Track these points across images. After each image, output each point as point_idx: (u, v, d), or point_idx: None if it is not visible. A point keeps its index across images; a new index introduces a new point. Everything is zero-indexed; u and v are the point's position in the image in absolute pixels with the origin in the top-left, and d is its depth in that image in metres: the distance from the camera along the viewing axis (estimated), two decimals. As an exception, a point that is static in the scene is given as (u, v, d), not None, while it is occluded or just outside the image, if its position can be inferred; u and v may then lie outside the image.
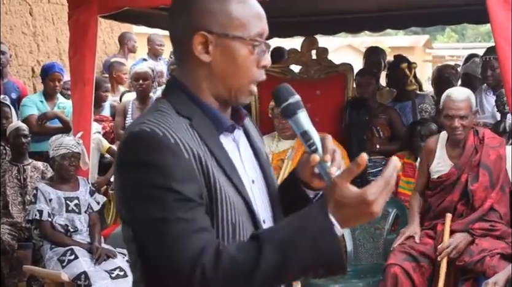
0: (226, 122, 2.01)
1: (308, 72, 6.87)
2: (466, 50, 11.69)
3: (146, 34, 10.92)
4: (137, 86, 7.55)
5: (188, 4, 2.00)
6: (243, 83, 1.99)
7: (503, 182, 5.17)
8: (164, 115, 1.91)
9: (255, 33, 1.96)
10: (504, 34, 5.07)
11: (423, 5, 7.50)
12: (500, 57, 5.16)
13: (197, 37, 1.94)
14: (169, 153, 1.82)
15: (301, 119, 1.96)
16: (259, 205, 2.03)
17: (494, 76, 6.59)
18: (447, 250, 5.01)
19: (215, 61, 1.96)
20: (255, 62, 1.98)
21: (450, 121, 5.18)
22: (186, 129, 1.90)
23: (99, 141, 7.25)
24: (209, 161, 1.89)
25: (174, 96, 1.99)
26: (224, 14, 1.94)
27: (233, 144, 2.04)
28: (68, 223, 5.83)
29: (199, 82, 1.99)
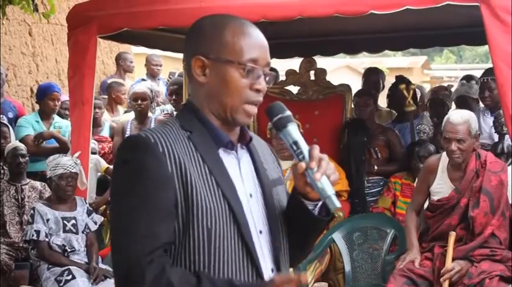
0: (225, 138, 2.19)
1: (306, 93, 6.89)
2: (464, 71, 11.72)
3: (145, 55, 10.95)
4: (135, 106, 7.55)
5: (192, 32, 2.24)
6: (235, 102, 2.16)
7: (503, 208, 5.15)
8: (166, 127, 2.16)
9: (247, 59, 2.15)
10: (502, 55, 5.09)
11: (421, 26, 7.52)
12: (497, 78, 5.18)
13: (196, 60, 2.18)
14: (152, 157, 2.06)
15: (291, 131, 2.17)
16: (256, 217, 2.20)
17: (492, 98, 6.61)
18: (451, 273, 4.99)
19: (210, 82, 2.18)
20: (247, 85, 2.16)
21: (447, 144, 5.17)
22: (182, 139, 2.14)
23: (97, 162, 7.24)
24: (196, 170, 2.10)
25: (182, 113, 2.25)
26: (219, 41, 2.17)
27: (234, 160, 2.22)
28: (65, 243, 5.81)
29: (201, 101, 2.21)
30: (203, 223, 2.07)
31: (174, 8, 5.80)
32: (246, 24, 2.23)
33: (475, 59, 37.33)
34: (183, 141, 2.13)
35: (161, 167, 2.06)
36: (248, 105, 2.18)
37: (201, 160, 2.12)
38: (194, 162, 2.11)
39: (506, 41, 5.06)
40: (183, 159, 2.09)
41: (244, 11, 5.67)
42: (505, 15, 5.05)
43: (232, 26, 2.20)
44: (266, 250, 2.20)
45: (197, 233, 2.07)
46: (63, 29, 9.10)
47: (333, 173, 2.11)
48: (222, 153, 2.19)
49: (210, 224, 2.08)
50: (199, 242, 2.08)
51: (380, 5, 5.34)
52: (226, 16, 2.28)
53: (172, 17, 5.82)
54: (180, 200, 2.07)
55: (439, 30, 8.02)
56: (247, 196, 2.19)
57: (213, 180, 2.12)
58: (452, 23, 7.45)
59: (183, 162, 2.08)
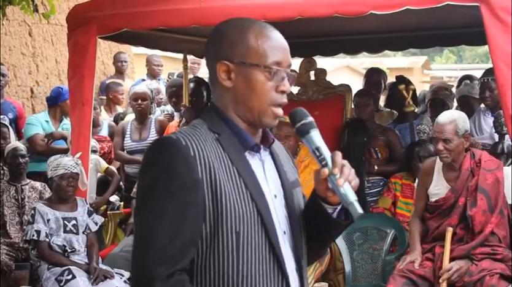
0: (251, 141, 2.23)
1: (306, 93, 6.89)
2: (464, 71, 11.72)
3: (145, 55, 10.95)
4: (135, 106, 7.55)
5: (214, 37, 2.27)
6: (263, 105, 2.20)
7: (501, 205, 5.15)
8: (195, 129, 2.19)
9: (271, 61, 2.19)
10: (502, 55, 5.09)
11: (421, 27, 7.52)
12: (497, 78, 5.18)
13: (221, 65, 2.21)
14: (182, 161, 2.07)
15: (314, 137, 2.21)
16: (281, 217, 2.24)
17: (492, 98, 6.60)
18: (450, 272, 5.00)
19: (236, 87, 2.21)
20: (273, 87, 2.20)
21: (436, 144, 5.26)
22: (212, 141, 2.16)
23: (97, 162, 7.25)
24: (225, 172, 2.13)
25: (208, 116, 2.26)
26: (243, 45, 2.20)
27: (258, 162, 2.25)
28: (66, 243, 5.81)
29: (227, 105, 2.24)
30: (232, 227, 2.10)
31: (173, 9, 5.80)
32: (267, 26, 2.27)
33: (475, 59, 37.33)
34: (212, 143, 2.16)
35: (190, 171, 2.07)
36: (275, 107, 2.22)
37: (229, 162, 2.15)
38: (223, 164, 2.14)
39: (506, 41, 5.06)
40: (212, 162, 2.11)
41: (243, 11, 5.67)
42: (505, 15, 5.05)
43: (255, 29, 2.23)
44: (289, 250, 2.23)
45: (226, 237, 2.10)
46: (63, 30, 9.11)
47: (354, 178, 2.15)
48: (248, 155, 2.22)
49: (238, 228, 2.10)
50: (228, 246, 2.10)
51: (380, 6, 5.33)
52: (247, 19, 2.30)
53: (172, 17, 5.82)
54: (208, 205, 2.08)
55: (439, 31, 8.01)
56: (271, 197, 2.23)
57: (242, 182, 2.15)
58: (452, 23, 7.45)
59: (213, 166, 2.10)
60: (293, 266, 2.24)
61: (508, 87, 5.10)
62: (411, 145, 6.68)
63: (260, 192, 2.17)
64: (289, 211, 2.27)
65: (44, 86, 9.65)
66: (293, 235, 2.26)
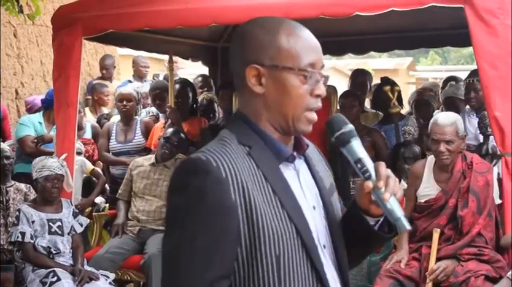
0: (286, 152, 2.07)
1: (292, 94, 6.89)
2: (449, 72, 11.74)
3: (131, 56, 10.93)
4: (120, 107, 7.53)
5: (241, 39, 2.09)
6: (298, 111, 2.04)
7: (489, 208, 5.17)
8: (225, 145, 2.01)
9: (305, 63, 2.03)
10: (486, 56, 5.12)
11: (406, 28, 7.55)
12: (482, 80, 5.21)
13: (250, 69, 2.03)
14: (213, 183, 1.90)
15: (355, 147, 2.05)
16: (320, 230, 2.09)
17: (477, 99, 6.62)
18: (436, 272, 5.02)
19: (268, 92, 2.04)
20: (308, 91, 2.03)
21: (436, 146, 5.22)
22: (243, 157, 1.99)
23: (83, 163, 7.23)
24: (259, 191, 1.96)
25: (237, 126, 2.08)
26: (274, 47, 2.03)
27: (293, 172, 2.09)
28: (50, 245, 5.79)
29: (257, 112, 2.07)
30: (271, 250, 1.95)
31: (159, 10, 5.79)
32: (298, 25, 2.09)
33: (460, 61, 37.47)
34: (243, 158, 1.99)
35: (223, 194, 1.91)
36: (310, 112, 2.05)
37: (263, 179, 1.99)
38: (257, 182, 1.97)
39: (490, 42, 5.09)
40: (246, 182, 1.94)
41: (229, 12, 5.69)
42: (489, 17, 5.07)
43: (286, 30, 2.05)
44: (330, 264, 2.10)
45: (265, 261, 1.95)
46: (48, 31, 9.07)
47: (399, 190, 2.00)
48: (283, 167, 2.06)
49: (278, 251, 1.95)
50: (268, 270, 1.95)
51: (366, 7, 5.35)
52: (276, 18, 2.13)
53: (158, 19, 5.82)
54: (243, 229, 1.93)
55: (424, 32, 8.06)
56: (310, 209, 2.08)
57: (278, 201, 1.98)
58: (437, 25, 7.49)
59: (247, 186, 1.94)
60: (336, 279, 2.11)
61: (492, 88, 5.13)
62: (396, 146, 6.69)
63: (298, 209, 2.02)
64: (329, 221, 2.13)
65: (29, 87, 9.61)
66: (334, 247, 2.13)
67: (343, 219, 2.19)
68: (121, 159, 7.35)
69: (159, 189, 6.66)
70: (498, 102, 5.13)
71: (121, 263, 6.29)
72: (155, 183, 6.68)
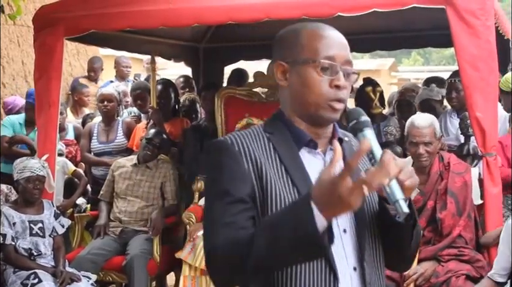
0: (305, 137, 2.27)
1: (274, 95, 6.87)
2: (431, 73, 11.78)
3: (113, 57, 10.90)
4: (102, 108, 7.51)
5: (275, 41, 2.36)
6: (318, 101, 2.22)
7: (469, 209, 5.19)
8: (249, 131, 2.31)
9: (323, 57, 2.21)
10: (467, 57, 5.14)
11: (388, 29, 7.57)
12: (463, 80, 5.23)
13: (277, 66, 2.30)
14: (229, 156, 2.21)
15: (367, 135, 2.19)
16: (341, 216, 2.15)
17: (458, 99, 6.64)
18: (414, 277, 5.03)
19: (292, 85, 2.27)
20: (326, 82, 2.22)
21: (415, 148, 5.22)
22: (262, 140, 2.26)
23: (65, 164, 7.20)
24: (272, 169, 2.21)
25: (270, 118, 2.37)
26: (296, 44, 2.26)
27: (319, 160, 2.29)
28: (32, 247, 5.76)
29: (286, 104, 2.33)
30: None
31: (142, 10, 5.77)
32: (322, 26, 2.30)
33: (442, 61, 37.59)
34: (262, 141, 2.26)
35: (237, 164, 2.19)
36: (332, 101, 2.23)
37: (278, 160, 2.23)
38: (272, 162, 2.22)
39: (471, 43, 5.11)
40: (259, 157, 2.21)
41: (211, 13, 5.68)
42: (470, 18, 5.10)
43: (308, 30, 2.28)
44: (350, 249, 2.23)
45: None
46: (29, 31, 9.01)
47: (410, 177, 2.10)
48: (305, 153, 2.27)
49: None
50: None
51: (348, 8, 5.35)
52: (305, 23, 2.34)
53: (140, 19, 5.80)
54: (258, 192, 2.18)
55: (406, 33, 8.08)
56: None
57: (289, 179, 2.20)
58: (418, 26, 7.51)
59: (259, 159, 2.20)
60: (352, 264, 2.22)
61: (473, 89, 5.15)
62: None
63: (306, 186, 2.17)
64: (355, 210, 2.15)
65: (10, 88, 9.55)
66: (358, 233, 2.25)
67: (378, 212, 2.32)
68: (103, 159, 7.33)
69: (141, 190, 6.65)
70: (479, 103, 5.16)
71: (103, 264, 6.27)
72: (137, 184, 6.67)
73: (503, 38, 6.55)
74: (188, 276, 5.81)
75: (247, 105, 6.73)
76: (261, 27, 6.44)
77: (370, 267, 2.26)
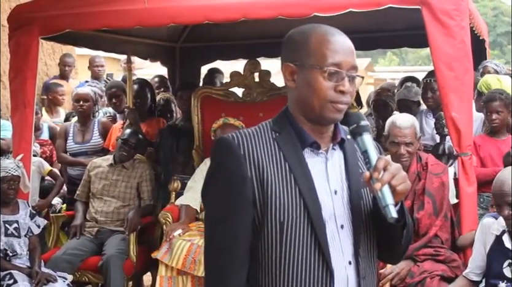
0: (309, 139, 2.36)
1: (251, 95, 6.89)
2: (407, 73, 11.84)
3: (89, 56, 10.84)
4: (77, 108, 7.47)
5: (285, 42, 2.42)
6: (322, 103, 2.31)
7: (445, 209, 5.22)
8: (256, 129, 2.40)
9: (329, 63, 2.29)
10: (442, 57, 5.17)
11: (365, 29, 7.59)
12: (438, 80, 5.26)
13: (286, 67, 2.38)
14: (233, 159, 2.30)
15: (365, 140, 2.31)
16: (339, 212, 2.35)
17: (434, 99, 6.67)
18: (389, 277, 5.05)
19: (299, 87, 2.35)
20: (331, 87, 2.30)
21: (396, 148, 5.22)
22: (268, 140, 2.36)
23: (40, 164, 7.15)
24: (276, 168, 2.31)
25: (278, 116, 2.44)
26: (304, 48, 2.33)
27: (322, 159, 2.38)
28: (7, 247, 5.73)
29: (293, 104, 2.40)
30: (276, 217, 2.27)
31: (117, 10, 5.75)
32: (330, 31, 2.36)
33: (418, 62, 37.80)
34: (268, 141, 2.35)
35: (240, 168, 2.29)
36: (335, 103, 2.31)
37: (282, 159, 2.32)
38: (275, 161, 2.31)
39: (446, 43, 5.14)
40: (263, 160, 2.30)
41: (187, 12, 5.68)
42: (445, 18, 5.13)
43: (317, 34, 2.34)
44: (347, 244, 2.34)
45: (270, 227, 2.28)
46: (4, 30, 8.95)
47: (401, 183, 2.22)
48: (309, 152, 2.36)
49: (282, 218, 2.27)
50: (272, 235, 2.28)
51: (324, 8, 5.36)
52: (314, 25, 2.41)
53: (116, 18, 5.78)
54: (258, 198, 2.28)
55: (382, 33, 8.12)
56: (330, 193, 2.34)
57: (292, 177, 2.29)
58: (394, 26, 7.55)
59: (263, 162, 2.30)
60: (347, 259, 2.34)
61: (448, 89, 5.18)
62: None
63: (311, 187, 2.30)
64: (352, 207, 2.37)
65: (-15, 88, 9.49)
66: (355, 230, 2.36)
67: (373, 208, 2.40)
68: (79, 159, 7.30)
69: (117, 190, 6.63)
70: (454, 103, 5.19)
71: (79, 264, 6.24)
72: (113, 184, 6.64)
73: (478, 38, 6.61)
74: (164, 277, 5.80)
75: (224, 104, 6.73)
76: (238, 27, 6.46)
77: (364, 261, 2.38)
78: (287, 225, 2.27)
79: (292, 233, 2.27)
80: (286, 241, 2.27)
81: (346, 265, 2.33)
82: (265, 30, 7.56)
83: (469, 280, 4.70)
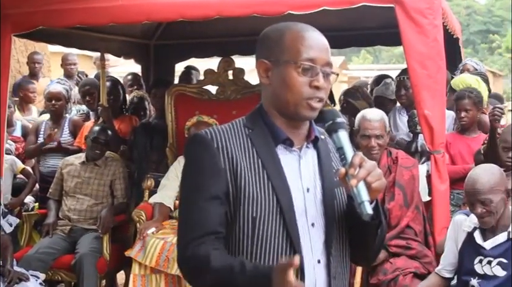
0: (282, 136, 2.36)
1: (225, 93, 6.89)
2: (380, 71, 11.91)
3: (62, 53, 10.77)
4: (49, 106, 7.43)
5: (260, 39, 2.43)
6: (297, 100, 2.30)
7: (416, 201, 5.27)
8: (230, 125, 2.40)
9: (304, 58, 2.30)
10: (415, 56, 5.20)
11: (338, 27, 7.62)
12: (412, 78, 5.29)
13: (260, 64, 2.38)
14: (206, 152, 2.31)
15: (340, 136, 2.30)
16: (311, 210, 2.34)
17: (408, 96, 6.70)
18: None
19: (273, 83, 2.35)
20: (306, 83, 2.30)
21: (366, 141, 5.30)
22: (241, 136, 2.36)
23: (13, 162, 7.10)
24: (249, 164, 2.31)
25: (251, 113, 2.44)
26: (279, 45, 2.34)
27: (294, 157, 2.38)
28: (-21, 246, 5.69)
29: (267, 101, 2.41)
30: (248, 212, 2.27)
31: (91, 7, 5.72)
32: (306, 28, 2.37)
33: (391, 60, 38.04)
34: (241, 137, 2.35)
35: (214, 160, 2.29)
36: (310, 100, 2.31)
37: (255, 155, 2.32)
38: (249, 157, 2.31)
39: (419, 42, 5.17)
40: (236, 154, 2.30)
41: (162, 9, 5.67)
42: (419, 17, 5.16)
43: (292, 31, 2.35)
44: (317, 242, 2.34)
45: (242, 221, 2.27)
46: (-24, 27, 8.89)
47: (377, 180, 2.22)
48: (282, 149, 2.36)
49: (255, 213, 2.27)
50: (244, 230, 2.27)
51: (298, 6, 5.38)
52: (289, 23, 2.41)
53: (90, 15, 5.75)
54: (231, 190, 2.27)
55: (356, 31, 8.15)
56: (303, 190, 2.34)
57: (265, 173, 2.30)
58: (368, 24, 7.58)
59: (236, 157, 2.30)
60: (317, 257, 2.34)
61: (421, 87, 5.21)
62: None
63: (284, 183, 2.30)
64: (325, 206, 2.37)
65: (-44, 85, 9.38)
66: (326, 228, 2.36)
67: (347, 206, 2.41)
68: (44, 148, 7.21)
69: (90, 188, 6.60)
70: (427, 101, 5.22)
71: (52, 263, 6.21)
72: (85, 182, 6.61)
73: (452, 36, 6.66)
74: (138, 275, 5.78)
75: (198, 102, 6.72)
76: (212, 24, 6.45)
77: (336, 260, 2.38)
78: (259, 221, 2.26)
79: (264, 229, 2.27)
80: (258, 236, 2.27)
81: (315, 264, 2.33)
82: (239, 28, 7.57)
83: (441, 277, 4.72)
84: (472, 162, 5.60)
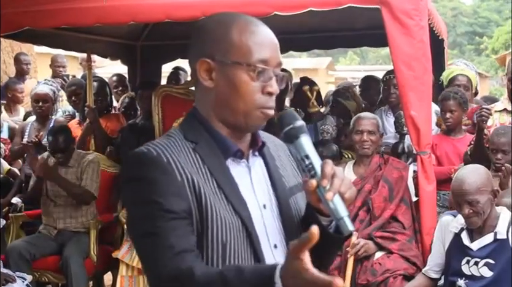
0: (233, 147, 2.04)
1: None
2: (367, 72, 11.94)
3: (49, 54, 10.74)
4: (36, 108, 7.40)
5: (196, 33, 2.08)
6: (248, 108, 2.00)
7: (402, 196, 5.37)
8: (169, 139, 2.02)
9: (257, 59, 1.99)
10: (402, 57, 5.22)
11: (325, 28, 7.63)
12: (398, 79, 5.31)
13: (201, 63, 2.02)
14: (159, 170, 1.93)
15: (303, 143, 1.99)
16: (271, 230, 2.05)
17: (397, 95, 6.70)
18: (357, 247, 5.11)
19: (218, 87, 2.02)
20: (259, 88, 2.00)
21: (359, 136, 5.53)
22: (187, 152, 2.00)
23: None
24: (205, 183, 1.96)
25: (187, 122, 2.09)
26: (226, 41, 2.00)
27: (245, 169, 2.08)
28: (-35, 247, 5.67)
29: (208, 108, 2.06)
30: (218, 236, 1.95)
31: (77, 7, 5.70)
32: (254, 21, 2.07)
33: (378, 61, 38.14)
34: (187, 153, 2.00)
35: (169, 177, 1.93)
36: (263, 109, 2.01)
37: (208, 174, 1.99)
38: (202, 175, 1.97)
39: (405, 43, 5.18)
40: (191, 173, 1.95)
41: (148, 10, 5.66)
42: (405, 18, 5.17)
43: (239, 24, 2.03)
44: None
45: (211, 246, 1.95)
46: (-38, 28, 8.86)
47: (348, 189, 1.92)
48: (231, 162, 2.05)
49: (225, 238, 1.95)
50: (214, 255, 1.95)
51: (284, 7, 5.38)
52: (232, 14, 2.12)
53: (76, 16, 5.73)
54: (194, 208, 1.94)
55: (342, 32, 8.16)
56: (260, 208, 2.05)
57: (223, 194, 1.98)
58: (355, 25, 7.59)
59: (190, 172, 1.95)
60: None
61: (408, 88, 5.22)
62: (314, 145, 6.73)
63: (243, 203, 2.00)
64: (283, 222, 2.08)
65: None
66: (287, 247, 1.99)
67: (303, 220, 2.12)
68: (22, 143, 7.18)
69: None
70: (413, 102, 5.23)
71: (38, 256, 6.12)
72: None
73: (438, 38, 6.68)
74: (125, 276, 5.78)
75: (184, 103, 6.71)
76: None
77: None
78: (230, 246, 1.96)
79: (236, 255, 1.96)
80: (229, 263, 1.96)
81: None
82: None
83: (428, 277, 4.74)
84: (458, 163, 5.63)
